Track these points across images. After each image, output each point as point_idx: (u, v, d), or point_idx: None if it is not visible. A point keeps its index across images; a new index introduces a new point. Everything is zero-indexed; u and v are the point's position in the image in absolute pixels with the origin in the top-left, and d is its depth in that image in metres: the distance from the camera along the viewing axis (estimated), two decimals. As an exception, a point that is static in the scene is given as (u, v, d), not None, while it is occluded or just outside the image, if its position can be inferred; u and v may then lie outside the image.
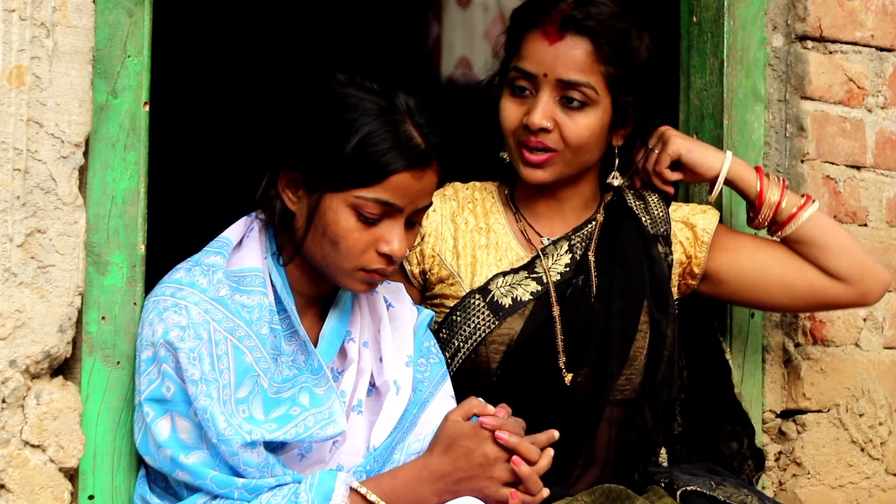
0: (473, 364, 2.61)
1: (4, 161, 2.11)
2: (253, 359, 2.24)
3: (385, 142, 2.25)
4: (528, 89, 2.64)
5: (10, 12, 2.11)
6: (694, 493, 2.43)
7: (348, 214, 2.27)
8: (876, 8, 3.19)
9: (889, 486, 3.19)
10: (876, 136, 3.20)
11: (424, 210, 2.34)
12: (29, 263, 2.13)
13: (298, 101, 2.33)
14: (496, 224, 2.73)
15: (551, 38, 2.62)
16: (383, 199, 2.26)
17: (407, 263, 2.68)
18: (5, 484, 2.11)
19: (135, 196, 2.25)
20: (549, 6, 2.65)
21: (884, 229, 3.21)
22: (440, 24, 5.79)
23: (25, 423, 2.13)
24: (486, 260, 2.68)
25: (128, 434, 2.23)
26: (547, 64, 2.61)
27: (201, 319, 2.21)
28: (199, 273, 2.26)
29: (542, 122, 2.60)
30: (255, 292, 2.28)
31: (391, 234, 2.29)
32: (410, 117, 2.29)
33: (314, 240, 2.30)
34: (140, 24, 2.25)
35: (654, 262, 2.72)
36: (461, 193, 2.75)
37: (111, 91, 2.23)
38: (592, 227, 2.74)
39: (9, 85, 2.11)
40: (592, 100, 2.62)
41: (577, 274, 2.68)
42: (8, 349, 2.11)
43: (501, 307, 2.62)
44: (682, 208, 2.82)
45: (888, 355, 3.21)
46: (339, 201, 2.26)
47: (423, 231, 2.67)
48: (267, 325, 2.28)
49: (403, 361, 2.44)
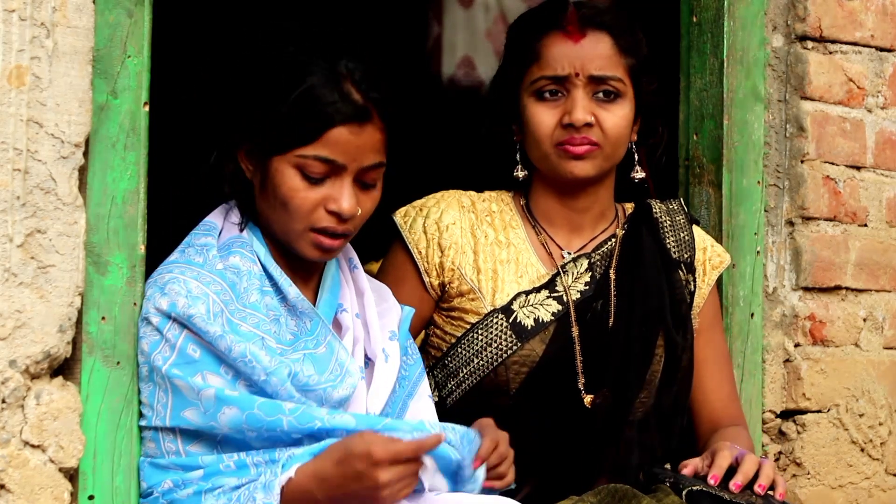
0: (493, 383, 2.61)
1: (4, 161, 2.10)
2: (250, 325, 2.27)
3: (320, 98, 2.27)
4: (559, 91, 2.64)
5: (9, 12, 2.11)
6: (700, 493, 2.43)
7: (293, 174, 2.30)
8: (876, 8, 3.18)
9: (889, 486, 3.18)
10: (876, 137, 3.20)
11: (375, 169, 2.34)
12: (29, 263, 2.12)
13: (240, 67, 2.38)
14: (516, 238, 2.71)
15: (575, 37, 2.63)
16: (323, 155, 2.28)
17: (426, 275, 2.66)
18: (5, 484, 2.10)
19: (135, 196, 2.25)
20: (560, 8, 2.65)
21: (884, 229, 3.21)
22: (441, 24, 5.79)
23: (25, 423, 2.12)
24: (507, 276, 2.66)
25: (128, 434, 2.23)
26: (577, 63, 2.62)
27: (200, 292, 2.23)
28: (193, 252, 2.31)
29: (587, 117, 2.60)
30: (244, 256, 2.32)
31: (338, 192, 2.30)
32: (350, 74, 2.30)
33: (269, 206, 2.33)
34: (140, 24, 2.25)
35: (674, 286, 2.71)
36: (479, 205, 2.72)
37: (111, 91, 2.23)
38: (613, 244, 2.72)
39: (9, 85, 2.11)
40: (622, 92, 2.63)
41: (598, 295, 2.66)
42: (8, 349, 2.10)
43: (525, 329, 2.61)
44: (705, 242, 2.82)
45: (888, 355, 3.20)
46: (284, 163, 2.29)
47: (444, 244, 2.66)
48: (257, 291, 2.30)
49: (387, 336, 2.46)
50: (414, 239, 2.67)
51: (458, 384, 2.63)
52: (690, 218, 2.81)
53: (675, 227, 2.78)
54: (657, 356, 2.67)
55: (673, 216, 2.79)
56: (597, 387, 2.62)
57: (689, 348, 2.72)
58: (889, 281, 3.21)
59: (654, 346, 2.66)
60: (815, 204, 3.10)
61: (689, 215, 2.82)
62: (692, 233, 2.79)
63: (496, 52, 5.52)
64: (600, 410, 2.62)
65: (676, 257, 2.74)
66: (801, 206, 3.09)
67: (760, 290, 3.03)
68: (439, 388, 2.65)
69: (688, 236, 2.78)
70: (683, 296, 2.72)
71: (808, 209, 3.09)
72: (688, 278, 2.75)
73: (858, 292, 3.17)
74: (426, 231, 2.67)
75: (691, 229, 2.80)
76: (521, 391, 2.60)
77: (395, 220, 2.70)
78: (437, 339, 2.69)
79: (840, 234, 3.14)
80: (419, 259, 2.66)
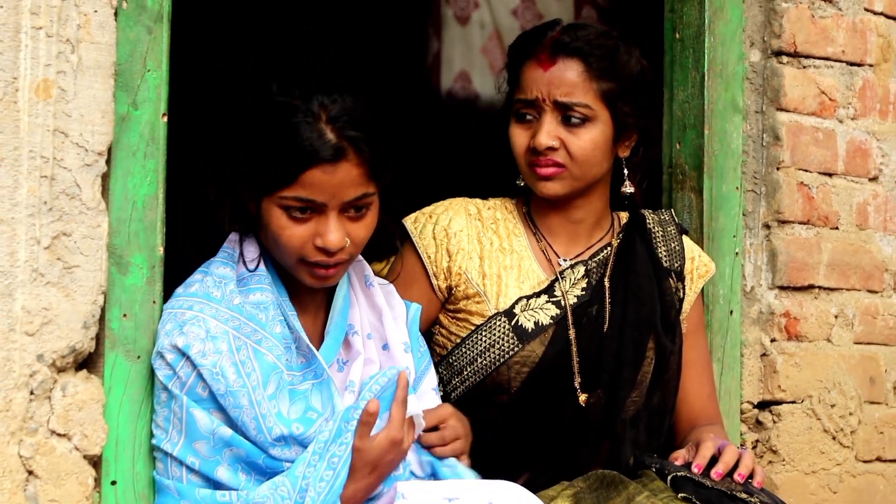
0: (495, 381, 2.60)
1: (32, 168, 2.10)
2: (274, 357, 2.23)
3: (295, 141, 2.20)
4: (531, 115, 2.63)
5: (37, 29, 2.11)
6: (683, 479, 2.42)
7: (279, 213, 2.24)
8: (846, 26, 3.18)
9: (858, 471, 3.18)
10: (846, 146, 3.19)
11: (362, 199, 2.27)
12: (55, 264, 2.12)
13: (220, 107, 2.33)
14: (518, 246, 2.70)
15: (545, 65, 2.62)
16: (301, 196, 2.22)
17: (434, 278, 2.65)
18: (34, 470, 2.10)
19: (154, 201, 2.24)
20: (539, 36, 2.65)
21: (854, 232, 3.21)
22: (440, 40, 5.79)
23: (52, 413, 2.12)
24: (510, 281, 2.66)
25: (147, 424, 2.23)
26: (544, 89, 2.61)
27: (220, 331, 2.20)
28: (211, 285, 2.25)
29: (548, 142, 2.59)
30: (263, 290, 2.28)
31: (323, 228, 2.24)
32: (325, 112, 2.21)
33: (267, 241, 2.30)
34: (159, 40, 2.25)
35: (664, 293, 2.71)
36: (484, 213, 2.71)
37: (132, 103, 2.22)
38: (608, 252, 2.71)
39: (36, 97, 2.11)
40: (591, 116, 2.61)
41: (593, 300, 2.66)
42: (36, 344, 2.10)
43: (525, 331, 2.60)
44: (693, 252, 2.81)
45: (858, 350, 3.20)
46: (271, 204, 2.24)
47: (451, 249, 2.65)
48: (278, 321, 2.27)
49: (402, 349, 2.43)
50: (424, 244, 2.66)
51: (462, 381, 2.63)
52: (681, 228, 2.81)
53: (667, 237, 2.78)
54: (648, 359, 2.66)
55: (665, 227, 2.79)
56: (592, 386, 2.62)
57: (678, 352, 2.72)
58: (859, 280, 3.21)
59: (645, 349, 2.66)
60: (790, 208, 3.09)
61: (680, 226, 2.81)
62: (682, 243, 2.79)
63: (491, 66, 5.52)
64: (594, 408, 2.62)
65: (667, 266, 2.74)
66: (776, 210, 3.08)
67: (739, 289, 3.03)
68: (444, 384, 2.65)
69: (678, 246, 2.78)
70: (673, 302, 2.72)
71: (784, 213, 3.09)
72: (678, 286, 2.75)
73: (830, 291, 3.17)
74: (435, 237, 2.66)
75: (681, 240, 2.79)
76: (521, 389, 2.60)
77: (405, 226, 2.69)
78: (442, 337, 2.69)
79: (813, 236, 3.14)
80: (428, 263, 2.66)
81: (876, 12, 3.24)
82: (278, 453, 2.20)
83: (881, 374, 3.24)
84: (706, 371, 2.81)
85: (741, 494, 2.40)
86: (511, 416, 2.57)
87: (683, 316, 2.76)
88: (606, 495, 2.44)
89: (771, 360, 3.07)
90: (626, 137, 2.67)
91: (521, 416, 2.59)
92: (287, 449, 2.21)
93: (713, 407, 2.81)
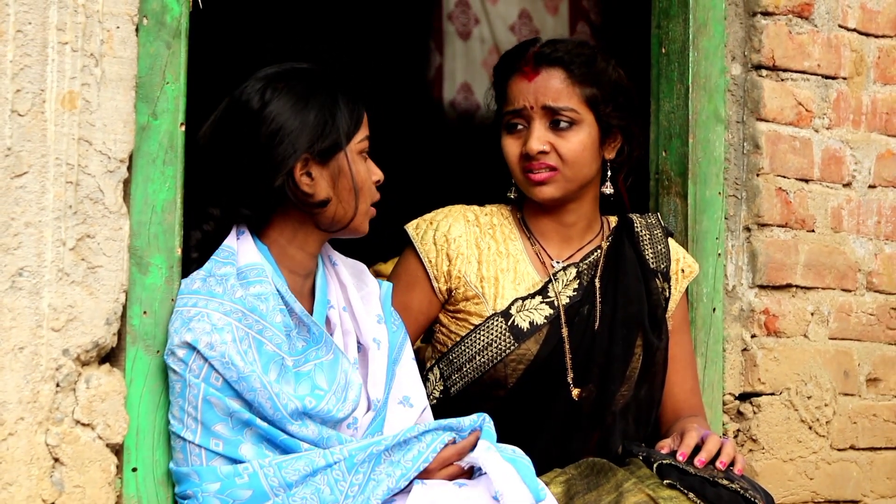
0: (493, 378, 2.61)
1: (58, 175, 2.11)
2: (273, 345, 2.24)
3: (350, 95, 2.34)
4: (520, 124, 2.64)
5: (63, 44, 2.12)
6: (668, 466, 2.42)
7: (360, 160, 2.34)
8: (822, 41, 3.19)
9: (833, 459, 3.18)
10: (822, 154, 3.20)
11: None
12: (80, 265, 2.13)
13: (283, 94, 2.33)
14: (514, 249, 2.70)
15: (530, 76, 2.63)
16: (366, 134, 2.36)
17: (435, 281, 2.65)
18: (59, 458, 2.11)
19: (172, 205, 2.25)
20: (521, 52, 2.67)
21: (829, 235, 3.21)
22: (442, 54, 5.79)
23: (77, 404, 2.13)
24: (506, 283, 2.66)
25: (166, 414, 2.23)
26: (531, 97, 2.62)
27: (223, 323, 2.20)
28: (214, 283, 2.25)
29: (539, 146, 2.60)
30: (263, 282, 2.28)
31: (373, 166, 2.38)
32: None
33: (340, 199, 2.32)
34: (177, 54, 2.25)
35: (651, 293, 2.71)
36: (482, 219, 2.71)
37: (152, 113, 2.23)
38: (598, 254, 2.71)
39: (62, 108, 2.12)
40: (577, 119, 2.62)
41: (585, 300, 2.66)
42: (62, 340, 2.11)
43: (521, 331, 2.61)
44: (678, 254, 2.82)
45: (833, 345, 3.21)
46: (351, 154, 2.32)
47: (451, 254, 2.65)
48: (278, 310, 2.27)
49: (374, 320, 2.44)
50: (425, 249, 2.66)
51: (462, 377, 2.63)
52: (667, 231, 2.81)
53: (654, 239, 2.78)
54: (636, 355, 2.67)
55: (651, 230, 2.79)
56: (584, 381, 2.63)
57: (664, 348, 2.71)
58: (833, 280, 3.21)
59: (633, 346, 2.67)
60: (769, 212, 3.10)
61: (666, 229, 2.81)
62: (668, 245, 2.79)
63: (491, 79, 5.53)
64: (586, 402, 2.63)
65: (654, 267, 2.74)
66: (756, 214, 3.09)
67: (721, 288, 3.03)
68: (444, 379, 2.65)
69: (664, 248, 2.78)
70: (660, 302, 2.72)
71: (763, 217, 3.09)
72: (664, 286, 2.74)
73: (807, 290, 3.17)
74: (436, 242, 2.66)
75: (667, 242, 2.80)
76: (517, 384, 2.61)
77: (407, 232, 2.70)
78: (443, 336, 2.69)
79: (791, 238, 3.14)
80: (429, 267, 2.66)
81: (849, 28, 3.24)
82: (296, 430, 2.21)
83: (854, 368, 3.24)
84: (690, 366, 2.82)
85: (723, 481, 2.40)
86: (508, 410, 2.57)
87: (669, 314, 2.77)
88: (596, 482, 2.44)
89: (751, 355, 3.07)
90: (612, 139, 2.68)
91: (517, 410, 2.60)
92: (304, 427, 2.21)
93: (696, 399, 2.81)
